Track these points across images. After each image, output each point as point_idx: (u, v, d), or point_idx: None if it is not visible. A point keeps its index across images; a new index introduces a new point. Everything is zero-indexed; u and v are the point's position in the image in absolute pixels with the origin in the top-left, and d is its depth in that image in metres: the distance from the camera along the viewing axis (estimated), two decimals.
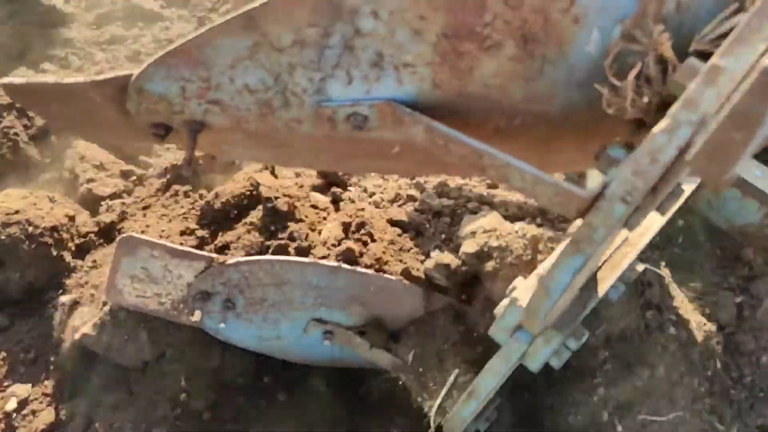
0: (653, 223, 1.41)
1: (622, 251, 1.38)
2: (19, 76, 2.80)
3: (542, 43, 1.06)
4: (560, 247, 1.30)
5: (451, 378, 1.50)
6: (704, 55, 0.98)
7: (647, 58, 1.05)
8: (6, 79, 1.31)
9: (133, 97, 1.16)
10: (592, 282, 1.34)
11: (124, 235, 1.65)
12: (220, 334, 1.64)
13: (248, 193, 1.85)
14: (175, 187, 2.11)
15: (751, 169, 1.24)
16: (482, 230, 1.60)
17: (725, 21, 1.04)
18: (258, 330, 1.64)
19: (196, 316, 1.55)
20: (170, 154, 2.67)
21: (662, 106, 1.01)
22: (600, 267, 1.36)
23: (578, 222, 1.02)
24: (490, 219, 1.66)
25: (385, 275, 1.62)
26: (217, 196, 1.87)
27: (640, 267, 1.52)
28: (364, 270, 1.62)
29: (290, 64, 1.08)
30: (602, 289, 1.33)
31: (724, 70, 0.88)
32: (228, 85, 1.13)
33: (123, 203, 2.26)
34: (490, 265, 1.54)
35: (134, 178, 2.46)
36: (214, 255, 1.62)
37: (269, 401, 1.82)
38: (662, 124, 0.89)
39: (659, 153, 0.89)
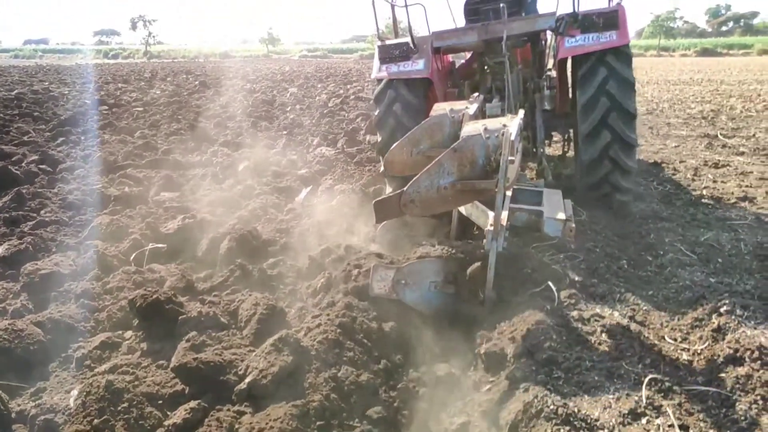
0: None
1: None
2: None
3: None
4: (497, 202, 3.40)
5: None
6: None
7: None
8: (377, 199, 3.53)
9: (404, 196, 3.30)
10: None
11: (372, 264, 3.66)
12: (404, 299, 3.49)
13: None
14: None
15: None
16: None
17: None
18: (414, 293, 3.51)
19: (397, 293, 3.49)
20: None
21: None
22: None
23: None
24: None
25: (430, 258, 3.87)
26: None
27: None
28: (434, 258, 3.84)
29: (436, 177, 3.33)
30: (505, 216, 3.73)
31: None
32: (422, 184, 3.32)
33: None
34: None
35: None
36: (399, 265, 3.66)
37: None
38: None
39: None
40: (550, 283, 3.64)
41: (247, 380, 2.73)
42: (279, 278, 4.29)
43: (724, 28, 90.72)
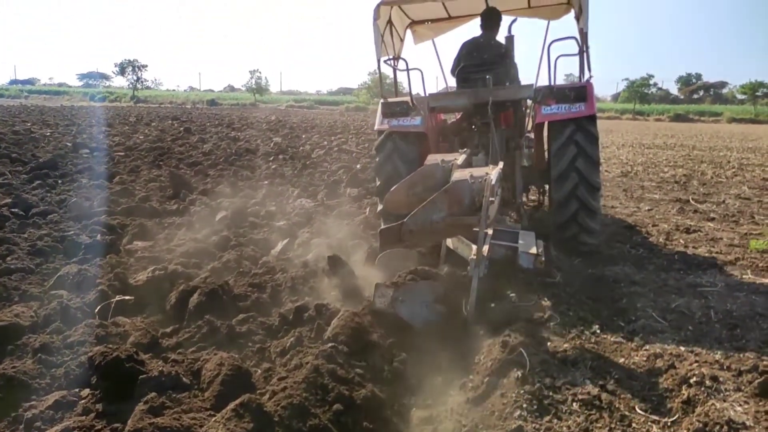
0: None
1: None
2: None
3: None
4: (479, 234, 4.16)
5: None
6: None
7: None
8: (383, 228, 4.36)
9: (404, 227, 4.06)
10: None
11: (376, 282, 4.22)
12: (400, 314, 4.03)
13: None
14: None
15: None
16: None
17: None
18: (408, 308, 4.06)
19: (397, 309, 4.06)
20: None
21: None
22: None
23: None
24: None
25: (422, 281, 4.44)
26: None
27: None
28: (427, 280, 4.44)
29: (430, 212, 4.10)
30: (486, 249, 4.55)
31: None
32: (419, 218, 4.07)
33: None
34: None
35: None
36: (397, 284, 4.23)
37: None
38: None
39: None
40: (522, 350, 3.62)
41: None
42: (247, 336, 4.18)
43: (695, 96, 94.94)
